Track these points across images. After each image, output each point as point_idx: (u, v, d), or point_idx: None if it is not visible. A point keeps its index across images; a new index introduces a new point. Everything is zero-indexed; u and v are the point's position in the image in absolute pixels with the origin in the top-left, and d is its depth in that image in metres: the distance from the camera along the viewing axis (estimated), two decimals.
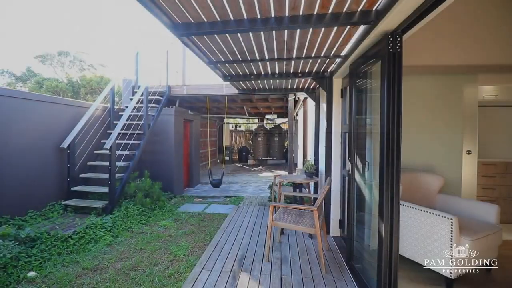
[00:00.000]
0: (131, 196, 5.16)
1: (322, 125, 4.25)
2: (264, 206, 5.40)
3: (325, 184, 3.22)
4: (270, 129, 14.13)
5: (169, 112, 6.47)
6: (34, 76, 15.85)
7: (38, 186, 4.29)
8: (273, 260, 3.01)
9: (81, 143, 4.99)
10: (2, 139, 3.76)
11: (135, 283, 2.63)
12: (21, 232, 3.28)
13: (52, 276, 2.75)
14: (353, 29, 2.16)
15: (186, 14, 1.94)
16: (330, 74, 3.63)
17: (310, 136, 6.46)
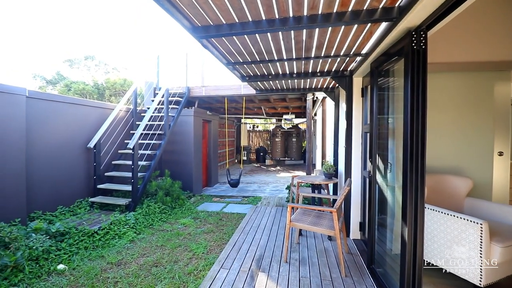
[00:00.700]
0: (152, 194, 5.34)
1: (342, 125, 4.16)
2: (282, 206, 5.38)
3: (345, 185, 3.15)
4: (288, 129, 14.03)
5: (188, 113, 6.62)
6: (63, 80, 16.81)
7: (67, 184, 4.55)
8: (291, 261, 2.99)
9: (106, 143, 5.23)
10: (36, 139, 4.03)
11: (157, 278, 2.72)
12: (51, 226, 3.49)
13: (80, 269, 2.91)
14: (374, 27, 2.10)
15: (205, 17, 1.98)
16: (350, 73, 3.55)
17: (329, 137, 6.34)
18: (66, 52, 25.34)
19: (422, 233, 1.78)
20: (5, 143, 3.48)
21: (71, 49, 27.56)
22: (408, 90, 1.80)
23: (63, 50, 28.00)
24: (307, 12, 1.89)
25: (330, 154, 5.85)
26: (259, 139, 16.12)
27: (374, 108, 2.68)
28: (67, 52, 26.67)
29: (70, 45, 27.86)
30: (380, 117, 2.68)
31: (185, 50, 6.94)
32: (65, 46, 27.77)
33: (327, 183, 4.00)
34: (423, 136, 1.75)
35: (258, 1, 1.72)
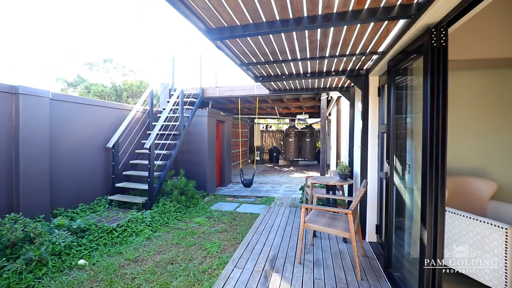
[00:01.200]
0: (167, 193, 5.46)
1: (357, 125, 4.08)
2: (295, 207, 5.34)
3: (361, 187, 3.08)
4: (301, 129, 13.92)
5: (202, 114, 6.71)
6: (83, 82, 17.49)
7: (88, 182, 4.74)
8: (305, 262, 2.96)
9: (124, 143, 5.40)
10: (58, 140, 4.22)
11: (172, 276, 2.77)
12: (73, 223, 3.65)
13: (99, 265, 3.01)
14: (392, 24, 2.04)
15: (220, 19, 2.00)
16: (366, 71, 3.47)
17: (344, 137, 6.24)
18: (86, 56, 26.47)
19: (443, 237, 1.71)
20: (31, 144, 3.67)
21: (91, 53, 28.75)
22: (428, 89, 1.74)
23: (83, 54, 29.24)
24: (321, 11, 1.87)
25: (345, 154, 5.75)
26: (272, 139, 16.09)
27: (392, 108, 2.61)
28: (87, 55, 27.83)
29: (89, 49, 29.06)
30: (397, 117, 2.60)
31: (199, 52, 7.05)
32: (85, 50, 28.98)
33: (342, 184, 3.94)
34: (444, 136, 1.69)
35: (272, 2, 1.72)
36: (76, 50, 28.20)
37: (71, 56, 27.62)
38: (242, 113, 10.90)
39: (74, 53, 27.82)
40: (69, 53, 27.93)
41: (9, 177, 3.51)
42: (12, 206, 3.53)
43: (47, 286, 2.59)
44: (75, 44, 29.83)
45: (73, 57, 28.21)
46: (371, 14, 1.82)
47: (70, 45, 29.55)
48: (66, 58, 27.10)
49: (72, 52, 27.92)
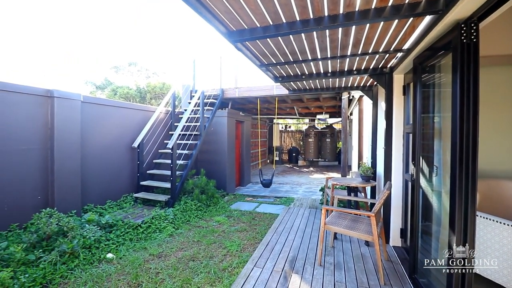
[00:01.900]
0: (189, 192, 5.61)
1: (381, 125, 3.95)
2: (315, 208, 5.27)
3: (384, 189, 2.99)
4: (321, 129, 13.69)
5: (222, 114, 6.82)
6: (110, 85, 18.38)
7: (115, 180, 4.99)
8: (326, 264, 2.92)
9: (148, 143, 5.62)
10: (88, 140, 4.48)
11: (193, 272, 2.85)
12: (102, 218, 3.86)
13: (125, 259, 3.17)
14: (417, 21, 1.96)
15: (240, 21, 2.03)
16: (390, 70, 3.36)
17: (366, 137, 6.06)
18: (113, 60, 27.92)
19: (473, 243, 1.62)
20: (65, 143, 3.93)
21: (117, 57, 30.22)
22: (457, 87, 1.65)
23: (110, 58, 30.82)
24: (343, 10, 1.84)
25: (367, 155, 5.59)
26: (291, 139, 15.98)
27: (418, 107, 2.51)
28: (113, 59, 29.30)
29: (116, 53, 30.58)
30: (424, 116, 2.50)
31: (219, 53, 7.17)
32: (112, 54, 30.52)
33: (364, 186, 3.83)
34: (475, 136, 1.59)
35: (292, 3, 1.72)
36: (103, 54, 29.82)
37: (99, 60, 29.25)
38: (261, 113, 10.93)
39: (102, 58, 29.43)
40: (97, 57, 29.60)
41: (45, 174, 3.78)
42: (47, 201, 3.80)
43: (78, 277, 2.76)
44: (103, 49, 31.52)
45: (101, 61, 29.86)
46: (395, 11, 1.76)
47: (98, 50, 31.29)
48: (94, 62, 28.72)
49: (100, 57, 29.54)
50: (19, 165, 3.48)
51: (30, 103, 3.63)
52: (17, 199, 3.46)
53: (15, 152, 3.44)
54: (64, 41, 30.18)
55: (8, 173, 3.38)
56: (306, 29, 2.02)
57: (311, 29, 2.02)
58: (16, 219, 3.43)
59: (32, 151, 3.63)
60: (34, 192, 3.66)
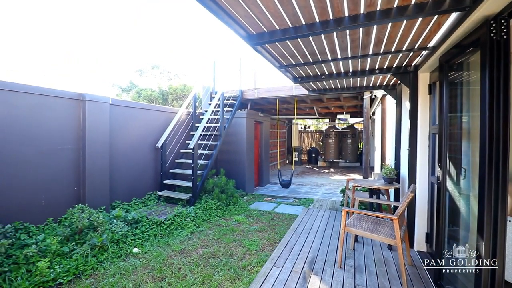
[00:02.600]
0: (209, 191, 5.74)
1: (405, 125, 3.82)
2: (335, 210, 5.19)
3: (408, 191, 2.89)
4: (342, 129, 13.40)
5: (241, 115, 6.91)
6: (135, 87, 19.18)
7: (140, 178, 5.23)
8: (346, 267, 2.88)
9: (171, 143, 5.83)
10: (116, 140, 4.74)
11: (214, 269, 2.93)
12: (128, 215, 4.06)
13: (150, 254, 3.32)
14: (443, 18, 1.89)
15: (260, 25, 2.07)
16: (414, 68, 3.24)
17: (389, 138, 5.87)
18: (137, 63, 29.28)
19: (503, 250, 1.53)
20: (95, 144, 4.19)
21: (141, 60, 31.57)
22: (486, 85, 1.58)
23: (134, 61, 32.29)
24: (364, 10, 1.82)
25: (390, 156, 5.41)
26: (311, 139, 15.78)
27: (445, 106, 2.41)
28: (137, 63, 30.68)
29: (140, 57, 31.94)
30: (451, 116, 2.39)
31: (238, 54, 7.27)
32: (136, 58, 31.94)
33: (387, 188, 3.72)
34: (506, 137, 1.51)
35: (312, 5, 1.73)
36: (128, 58, 31.32)
37: (125, 64, 30.74)
38: (280, 114, 10.91)
39: (127, 61, 30.90)
40: (123, 61, 31.12)
41: (77, 172, 4.06)
42: (79, 197, 4.07)
43: (107, 269, 2.94)
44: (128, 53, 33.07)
45: (126, 64, 31.36)
46: (418, 10, 1.71)
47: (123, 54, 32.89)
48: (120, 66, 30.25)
49: (126, 61, 31.05)
50: (54, 164, 3.77)
51: (65, 106, 3.91)
52: (52, 195, 3.74)
53: (51, 152, 3.73)
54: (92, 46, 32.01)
55: (45, 171, 3.66)
56: (325, 30, 2.02)
57: (331, 30, 2.01)
58: (51, 213, 3.71)
59: (66, 151, 3.91)
60: (68, 189, 3.94)
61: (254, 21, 2.00)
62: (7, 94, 3.27)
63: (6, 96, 3.26)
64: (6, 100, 3.26)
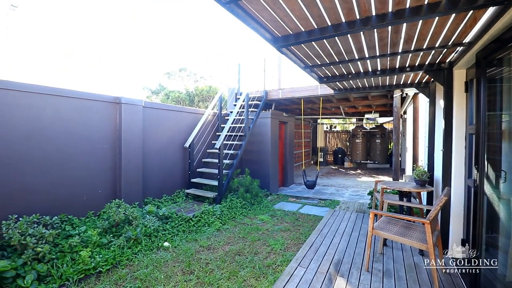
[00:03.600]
0: (234, 190, 5.87)
1: (439, 125, 3.63)
2: (363, 213, 5.05)
3: (442, 195, 2.75)
4: (370, 129, 12.92)
5: (265, 115, 6.96)
6: (163, 89, 20.05)
7: (170, 176, 5.50)
8: (374, 271, 2.81)
9: (197, 143, 6.05)
10: (147, 140, 5.03)
11: (240, 265, 3.02)
12: (159, 211, 4.30)
13: (179, 248, 3.49)
14: (479, 12, 1.78)
15: (285, 27, 2.11)
16: (448, 65, 3.07)
17: (422, 138, 5.58)
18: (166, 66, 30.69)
19: None
20: (129, 143, 4.49)
21: (169, 63, 33.02)
22: None
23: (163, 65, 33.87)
24: (392, 9, 1.77)
25: (423, 158, 5.14)
26: (337, 140, 15.41)
27: (482, 105, 2.26)
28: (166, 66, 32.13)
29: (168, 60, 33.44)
30: (490, 115, 2.24)
31: (262, 55, 7.31)
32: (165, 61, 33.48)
33: (419, 191, 3.55)
34: None
35: (338, 6, 1.74)
36: (158, 62, 32.91)
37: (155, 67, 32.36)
38: (304, 114, 10.80)
39: (157, 65, 32.50)
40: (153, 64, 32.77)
41: (114, 169, 4.37)
42: (116, 193, 4.38)
43: (141, 261, 3.15)
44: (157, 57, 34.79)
45: (156, 68, 33.01)
46: (451, 6, 1.64)
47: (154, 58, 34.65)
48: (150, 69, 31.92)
49: (156, 65, 32.67)
50: (94, 162, 4.10)
51: (103, 109, 4.23)
52: (92, 190, 4.07)
53: (91, 151, 4.06)
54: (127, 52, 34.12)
55: (87, 168, 4.00)
56: (352, 30, 2.00)
57: (357, 30, 1.99)
58: (92, 207, 4.04)
59: (104, 150, 4.23)
60: (106, 185, 4.26)
61: (279, 24, 2.04)
62: (55, 98, 3.63)
63: (54, 100, 3.62)
64: (55, 104, 3.62)
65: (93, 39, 30.99)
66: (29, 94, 3.35)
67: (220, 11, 47.33)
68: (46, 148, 3.50)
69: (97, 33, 32.25)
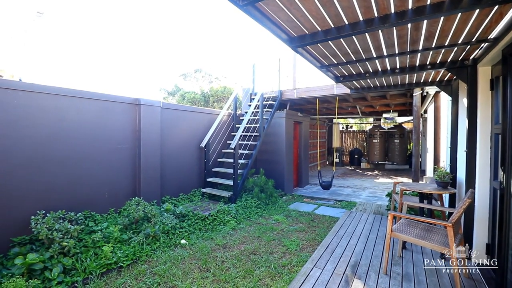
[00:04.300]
0: (249, 190, 5.91)
1: (462, 124, 3.48)
2: (381, 215, 4.93)
3: (465, 197, 2.64)
4: (388, 129, 12.55)
5: (280, 115, 6.95)
6: (179, 91, 20.45)
7: (186, 176, 5.62)
8: (392, 274, 2.75)
9: (213, 143, 6.14)
10: (165, 140, 5.16)
11: (255, 265, 3.04)
12: (176, 209, 4.40)
13: (196, 246, 3.57)
14: (505, 7, 1.70)
15: (301, 27, 2.11)
16: (472, 62, 2.94)
17: (444, 138, 5.38)
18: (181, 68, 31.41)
19: None
20: (148, 143, 4.63)
21: (185, 65, 33.75)
22: None
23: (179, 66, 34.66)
24: (412, 5, 1.73)
25: (445, 159, 4.95)
26: (353, 140, 15.10)
27: (509, 103, 2.16)
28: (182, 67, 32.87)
29: (184, 61, 34.19)
30: None
31: (277, 55, 7.31)
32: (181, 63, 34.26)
33: (441, 193, 3.43)
34: None
35: (355, 5, 1.72)
36: (174, 63, 33.74)
37: (171, 69, 33.16)
38: (320, 113, 10.67)
39: (173, 67, 33.29)
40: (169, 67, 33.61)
41: (134, 168, 4.53)
42: (135, 191, 4.54)
43: (159, 257, 3.24)
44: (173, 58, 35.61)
45: (172, 69, 33.81)
46: (475, 1, 1.57)
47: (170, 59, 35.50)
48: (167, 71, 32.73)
49: (172, 66, 33.46)
50: (115, 161, 4.26)
51: (123, 110, 4.40)
52: (113, 188, 4.23)
53: (113, 150, 4.23)
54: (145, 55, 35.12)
55: (108, 167, 4.16)
56: (370, 29, 1.97)
57: (375, 28, 1.96)
58: (113, 204, 4.21)
59: (124, 150, 4.39)
60: (126, 183, 4.42)
61: (295, 24, 2.05)
62: (79, 100, 3.80)
63: (78, 102, 3.80)
64: (78, 106, 3.80)
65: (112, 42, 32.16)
66: (55, 97, 3.54)
67: (235, 12, 47.75)
68: (70, 148, 3.68)
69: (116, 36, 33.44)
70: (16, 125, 3.17)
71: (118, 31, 34.74)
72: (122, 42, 34.89)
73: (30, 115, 3.30)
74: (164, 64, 33.95)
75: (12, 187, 3.11)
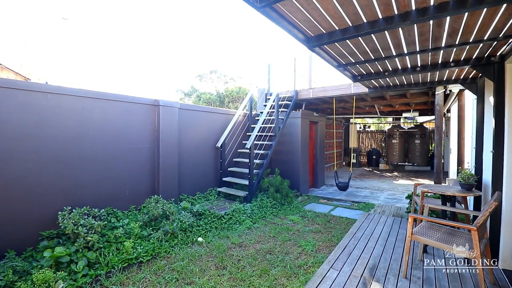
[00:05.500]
0: (264, 190, 5.93)
1: (488, 124, 3.32)
2: (400, 217, 4.79)
3: (491, 200, 2.52)
4: (408, 129, 12.13)
5: (295, 115, 6.91)
6: (195, 91, 20.81)
7: (202, 175, 5.72)
8: (413, 278, 2.67)
9: (229, 143, 6.22)
10: (182, 140, 5.28)
11: (271, 264, 3.06)
12: (193, 207, 4.50)
13: (212, 244, 3.63)
14: None
15: (319, 27, 2.10)
16: (500, 58, 2.80)
17: (468, 138, 5.14)
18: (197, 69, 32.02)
19: None
20: (167, 143, 4.77)
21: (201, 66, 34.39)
22: None
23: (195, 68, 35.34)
24: (434, 1, 1.68)
25: (469, 160, 4.73)
26: (371, 140, 14.73)
27: None
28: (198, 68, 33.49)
29: (200, 63, 34.79)
30: None
31: (292, 54, 7.25)
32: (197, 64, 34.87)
33: (465, 195, 3.29)
34: None
35: (374, 3, 1.69)
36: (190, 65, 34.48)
37: (187, 71, 33.89)
38: (336, 113, 10.49)
39: (189, 68, 34.05)
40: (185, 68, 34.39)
41: (153, 167, 4.67)
42: (154, 189, 4.68)
43: (177, 254, 3.33)
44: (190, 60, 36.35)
45: (188, 71, 34.55)
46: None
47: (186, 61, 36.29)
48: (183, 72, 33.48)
49: (188, 68, 34.22)
50: (136, 160, 4.42)
51: (143, 111, 4.55)
52: (134, 186, 4.39)
53: (133, 150, 4.38)
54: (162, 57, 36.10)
55: (129, 166, 4.33)
56: (390, 26, 1.93)
57: (395, 26, 1.92)
58: (133, 201, 4.36)
59: (144, 149, 4.55)
60: (145, 181, 4.57)
61: (312, 24, 2.04)
62: (102, 102, 3.98)
63: (102, 104, 3.97)
64: (102, 107, 3.98)
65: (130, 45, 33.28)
66: (81, 99, 3.73)
67: (249, 13, 47.93)
68: (94, 147, 3.86)
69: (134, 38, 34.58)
70: (45, 125, 3.37)
71: (137, 34, 35.95)
72: (140, 44, 36.07)
73: (58, 116, 3.49)
74: (180, 66, 34.72)
75: (42, 184, 3.31)
